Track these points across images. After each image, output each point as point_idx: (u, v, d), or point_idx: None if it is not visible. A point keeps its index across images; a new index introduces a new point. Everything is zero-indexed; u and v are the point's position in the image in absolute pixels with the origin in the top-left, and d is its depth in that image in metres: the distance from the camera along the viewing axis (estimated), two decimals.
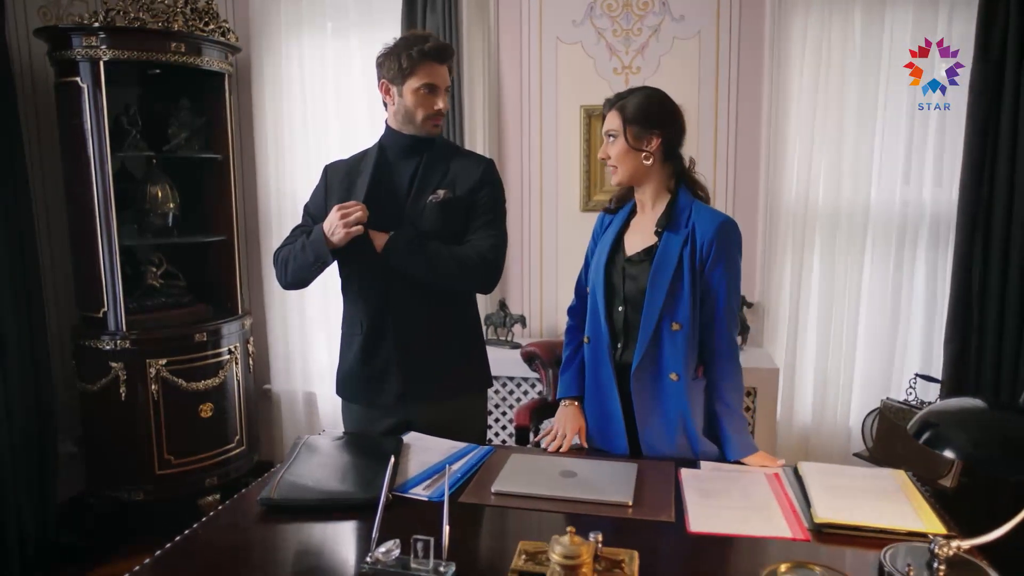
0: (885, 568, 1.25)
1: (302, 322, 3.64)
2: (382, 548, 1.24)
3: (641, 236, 1.87)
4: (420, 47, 1.90)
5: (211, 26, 3.19)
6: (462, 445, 1.86)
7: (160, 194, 3.24)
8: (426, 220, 1.94)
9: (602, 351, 1.87)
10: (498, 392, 3.25)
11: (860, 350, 3.14)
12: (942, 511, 1.48)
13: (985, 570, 1.23)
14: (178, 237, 3.32)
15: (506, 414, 3.29)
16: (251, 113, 3.55)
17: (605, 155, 1.85)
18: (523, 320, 3.33)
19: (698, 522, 1.46)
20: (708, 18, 3.16)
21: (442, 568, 1.22)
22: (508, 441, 3.28)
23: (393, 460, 1.46)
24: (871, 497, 1.53)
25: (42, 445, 2.94)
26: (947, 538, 1.25)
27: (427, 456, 1.78)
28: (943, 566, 1.22)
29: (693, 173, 1.89)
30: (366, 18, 3.39)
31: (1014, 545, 1.26)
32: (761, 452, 1.79)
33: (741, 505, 1.54)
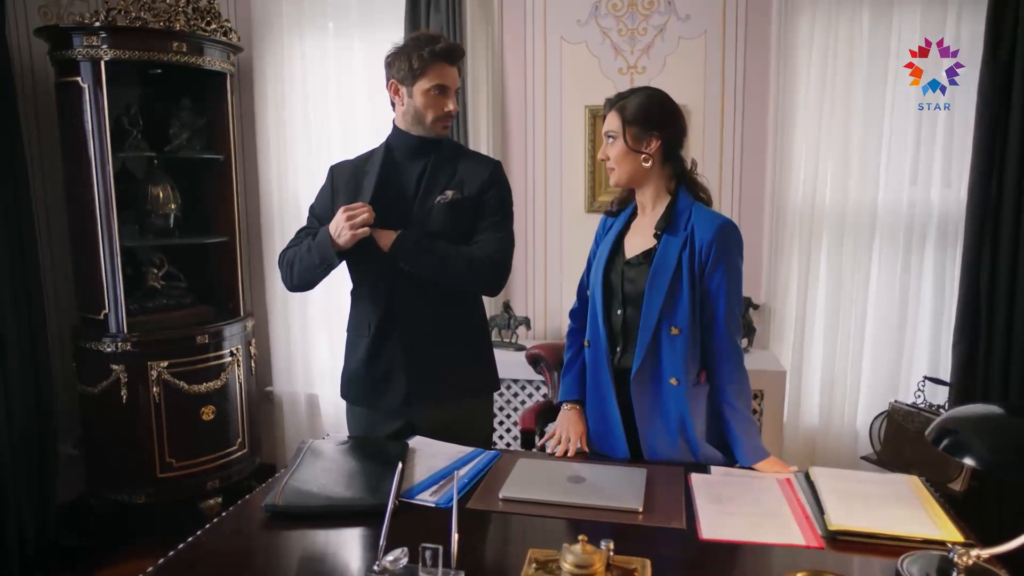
0: None
1: (304, 323, 3.62)
2: (390, 556, 1.22)
3: (641, 238, 1.85)
4: (432, 48, 1.88)
5: (213, 26, 3.17)
6: (468, 449, 1.83)
7: (161, 195, 3.22)
8: (434, 221, 1.92)
9: (602, 355, 1.85)
10: (502, 395, 3.23)
11: (867, 352, 3.11)
12: (958, 518, 1.45)
13: None
14: (179, 238, 3.30)
15: (510, 417, 3.27)
16: (253, 113, 3.53)
17: (604, 156, 1.84)
18: (527, 322, 3.31)
19: (710, 529, 1.44)
20: (714, 18, 3.13)
21: None
22: (513, 444, 3.26)
23: (401, 466, 1.44)
24: (885, 503, 1.51)
25: (42, 445, 2.92)
26: (966, 546, 1.23)
27: (433, 461, 1.76)
28: (962, 575, 1.20)
29: (695, 175, 1.87)
30: (368, 18, 3.37)
31: None
32: (772, 458, 1.77)
33: (753, 511, 1.52)
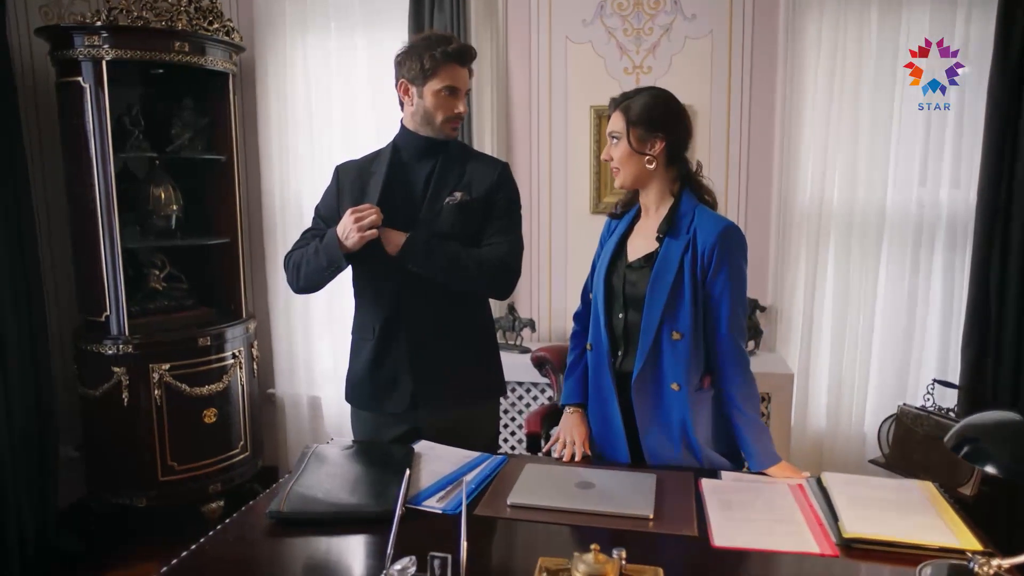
0: None
1: (306, 325, 3.59)
2: (397, 565, 1.19)
3: (644, 241, 1.83)
4: (444, 48, 1.85)
5: (215, 25, 3.15)
6: (475, 454, 1.81)
7: (163, 195, 3.19)
8: (443, 222, 1.90)
9: (603, 358, 1.83)
10: (507, 398, 3.20)
11: (875, 354, 3.08)
12: (975, 526, 1.43)
13: None
14: (181, 239, 3.28)
15: (515, 419, 3.24)
16: (255, 113, 3.50)
17: (608, 156, 1.82)
18: (532, 324, 3.29)
19: (722, 536, 1.42)
20: (720, 17, 3.10)
21: None
22: (518, 448, 3.24)
23: (408, 473, 1.42)
24: (900, 510, 1.49)
25: (42, 445, 2.90)
26: (986, 555, 1.20)
27: (439, 466, 1.73)
28: None
29: (700, 177, 1.85)
30: (371, 18, 3.34)
31: None
32: (784, 462, 1.75)
33: (765, 518, 1.50)
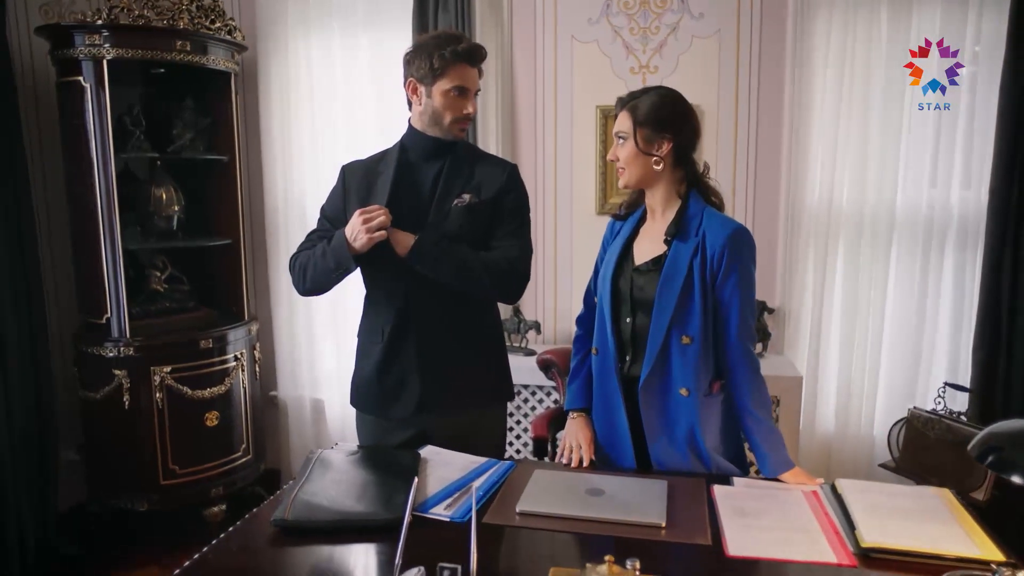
0: None
1: (309, 326, 3.55)
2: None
3: (650, 244, 1.80)
4: (454, 47, 1.82)
5: (217, 24, 3.12)
6: (482, 460, 1.78)
7: (164, 196, 3.16)
8: (451, 224, 1.86)
9: (610, 363, 1.80)
10: (513, 401, 3.16)
11: (885, 357, 3.05)
12: (995, 535, 1.39)
13: None
14: (182, 240, 3.25)
15: (520, 423, 3.21)
16: (257, 113, 3.47)
17: (614, 157, 1.79)
18: (537, 326, 3.25)
19: (736, 545, 1.38)
20: (728, 16, 3.07)
21: None
22: (523, 452, 3.20)
23: (416, 480, 1.38)
24: (919, 518, 1.45)
25: (42, 447, 2.88)
26: (1010, 566, 1.17)
27: (446, 472, 1.70)
28: None
29: (707, 179, 1.82)
30: (374, 17, 3.31)
31: None
32: (798, 468, 1.71)
33: (780, 526, 1.46)
